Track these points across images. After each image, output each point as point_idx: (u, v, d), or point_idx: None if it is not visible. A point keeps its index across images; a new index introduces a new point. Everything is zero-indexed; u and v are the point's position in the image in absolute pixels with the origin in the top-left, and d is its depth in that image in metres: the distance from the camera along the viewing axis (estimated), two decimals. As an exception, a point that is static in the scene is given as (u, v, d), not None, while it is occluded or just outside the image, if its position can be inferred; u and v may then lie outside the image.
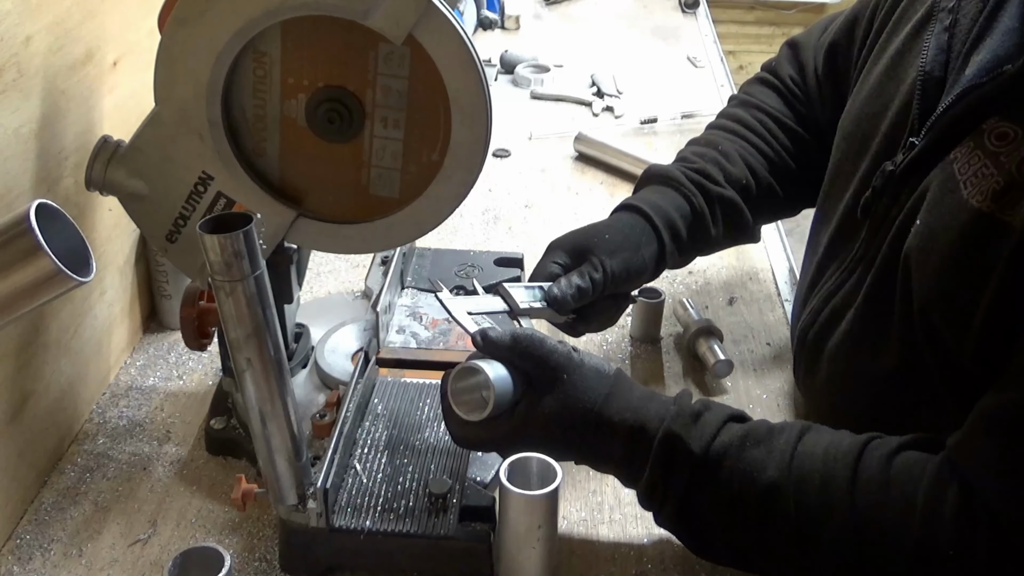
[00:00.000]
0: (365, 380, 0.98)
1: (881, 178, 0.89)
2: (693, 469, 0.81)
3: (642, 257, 1.04)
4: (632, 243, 1.04)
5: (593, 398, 0.84)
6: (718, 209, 1.10)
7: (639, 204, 1.07)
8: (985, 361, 0.76)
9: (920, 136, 0.85)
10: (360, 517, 0.87)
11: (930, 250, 0.80)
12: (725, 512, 0.81)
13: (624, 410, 0.84)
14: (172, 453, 1.03)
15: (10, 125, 0.86)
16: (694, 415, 0.83)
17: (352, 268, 1.34)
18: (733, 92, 1.91)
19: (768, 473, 0.79)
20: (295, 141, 0.88)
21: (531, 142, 1.71)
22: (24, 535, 0.93)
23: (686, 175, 1.10)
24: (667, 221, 1.06)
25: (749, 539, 0.81)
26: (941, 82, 0.85)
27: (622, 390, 0.86)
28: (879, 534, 0.76)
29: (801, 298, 1.04)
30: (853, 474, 0.77)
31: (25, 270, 0.64)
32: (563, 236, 1.06)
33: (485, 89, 0.84)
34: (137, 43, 1.10)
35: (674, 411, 0.83)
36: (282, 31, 0.84)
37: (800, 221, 1.26)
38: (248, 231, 0.69)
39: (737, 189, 1.11)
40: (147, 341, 1.19)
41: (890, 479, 0.76)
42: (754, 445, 0.81)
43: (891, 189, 0.87)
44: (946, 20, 0.87)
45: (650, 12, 2.35)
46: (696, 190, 1.09)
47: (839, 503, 0.77)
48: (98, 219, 1.05)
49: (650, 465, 0.83)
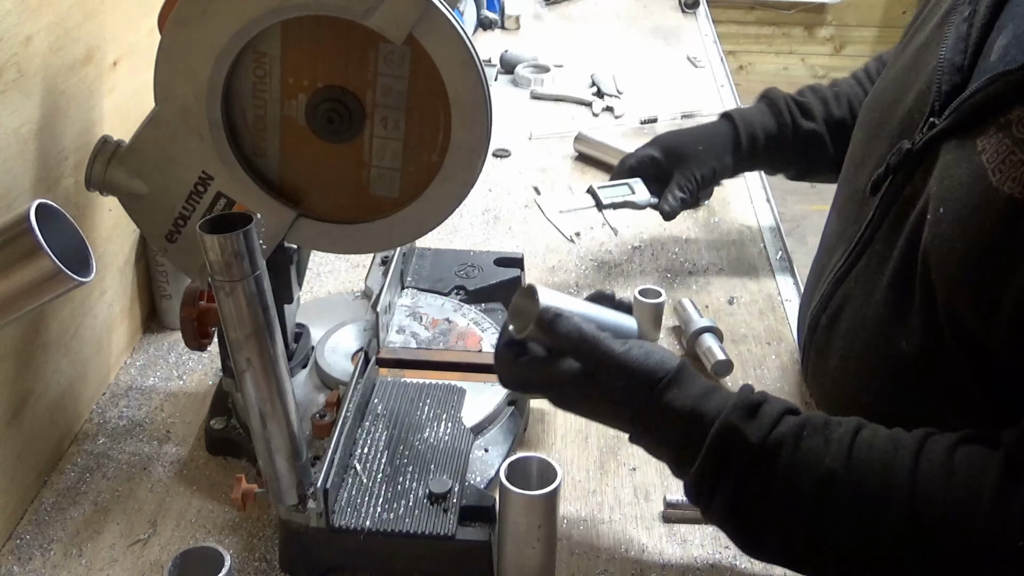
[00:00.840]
0: (365, 380, 0.98)
1: (897, 156, 0.89)
2: (750, 460, 0.79)
3: (727, 164, 1.28)
4: (718, 151, 1.28)
5: (656, 377, 0.84)
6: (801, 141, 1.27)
7: (734, 114, 1.30)
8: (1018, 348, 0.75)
9: (942, 117, 0.85)
10: (360, 517, 0.87)
11: (955, 239, 0.79)
12: (779, 503, 0.79)
13: (685, 396, 0.83)
14: (172, 453, 1.03)
15: (10, 125, 0.86)
16: (752, 407, 0.81)
17: (352, 268, 1.34)
18: (733, 92, 1.94)
19: (826, 462, 0.77)
20: (295, 141, 0.88)
21: (531, 142, 1.71)
22: (24, 535, 0.93)
23: (787, 103, 1.29)
24: (750, 133, 1.28)
25: (803, 531, 0.79)
26: (960, 68, 0.86)
27: (686, 377, 0.85)
28: (942, 524, 0.73)
29: (811, 286, 1.05)
30: (914, 464, 0.75)
31: (25, 270, 0.64)
32: (667, 134, 1.33)
33: (485, 89, 0.84)
34: (137, 43, 1.11)
35: (733, 402, 0.82)
36: (282, 31, 0.84)
37: (800, 221, 1.28)
38: (248, 231, 0.69)
39: (832, 127, 1.26)
40: (147, 341, 1.19)
41: (954, 469, 0.74)
42: (811, 435, 0.79)
43: (906, 167, 0.88)
44: (966, 11, 0.88)
45: (650, 12, 2.35)
46: (789, 118, 1.28)
47: (899, 492, 0.75)
48: (98, 219, 1.05)
49: (703, 454, 0.81)
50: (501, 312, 1.18)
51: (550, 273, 1.34)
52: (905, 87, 0.94)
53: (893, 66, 1.01)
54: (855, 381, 0.94)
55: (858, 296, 0.93)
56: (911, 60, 0.97)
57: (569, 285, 1.31)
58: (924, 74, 0.91)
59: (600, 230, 1.44)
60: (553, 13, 2.34)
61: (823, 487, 0.77)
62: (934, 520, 0.74)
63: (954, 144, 0.83)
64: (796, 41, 4.81)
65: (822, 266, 1.02)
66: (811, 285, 1.06)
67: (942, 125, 0.84)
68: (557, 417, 1.09)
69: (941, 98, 0.86)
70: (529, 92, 1.90)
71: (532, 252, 1.38)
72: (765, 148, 1.28)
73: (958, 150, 0.82)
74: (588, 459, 1.03)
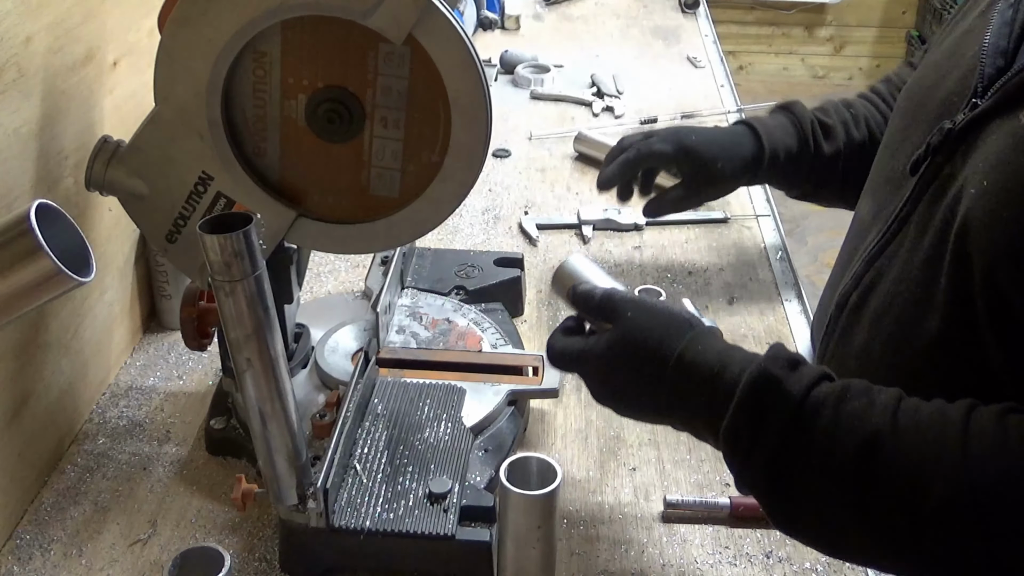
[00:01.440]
0: (365, 380, 0.98)
1: (939, 135, 0.89)
2: (790, 414, 0.76)
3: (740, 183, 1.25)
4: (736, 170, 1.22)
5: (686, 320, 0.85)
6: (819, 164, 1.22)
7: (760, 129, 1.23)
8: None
9: (985, 98, 0.85)
10: (360, 517, 0.87)
11: (999, 210, 0.78)
12: (821, 463, 0.74)
13: (707, 351, 0.82)
14: (172, 453, 1.03)
15: (10, 125, 0.86)
16: (791, 362, 0.79)
17: (352, 268, 1.34)
18: (733, 92, 1.94)
19: (872, 422, 0.74)
20: (295, 141, 0.88)
21: (531, 142, 1.71)
22: (24, 535, 0.93)
23: (811, 122, 1.23)
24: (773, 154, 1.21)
25: (847, 496, 0.74)
26: (1005, 51, 0.86)
27: (715, 331, 0.85)
28: (998, 487, 0.70)
29: (840, 267, 1.04)
30: (964, 427, 0.72)
31: (25, 270, 0.64)
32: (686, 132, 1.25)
33: (485, 89, 0.84)
34: (137, 43, 1.11)
35: (770, 354, 0.79)
36: (282, 31, 0.84)
37: (800, 222, 1.28)
38: (248, 231, 0.69)
39: (851, 150, 1.21)
40: (147, 341, 1.19)
41: (1007, 434, 0.71)
42: (855, 397, 0.76)
43: (947, 146, 0.88)
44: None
45: (650, 12, 2.35)
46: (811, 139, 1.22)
47: (951, 455, 0.71)
48: (98, 219, 1.05)
49: (737, 400, 0.78)
50: (501, 312, 1.18)
51: (550, 273, 1.34)
52: (946, 71, 0.94)
53: (933, 52, 1.01)
54: (879, 361, 0.92)
55: (890, 274, 0.92)
56: (953, 46, 0.97)
57: (569, 285, 1.31)
58: (967, 59, 0.92)
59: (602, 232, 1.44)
60: (553, 13, 2.34)
61: (868, 448, 0.73)
62: (989, 483, 0.70)
63: (997, 123, 0.83)
64: (796, 41, 4.82)
65: (854, 247, 1.01)
66: (840, 267, 1.04)
67: (986, 105, 0.84)
68: (557, 417, 1.09)
69: (984, 80, 0.86)
70: (529, 92, 1.90)
71: (532, 252, 1.38)
72: (782, 167, 1.23)
73: (1002, 127, 0.82)
74: (588, 459, 1.03)
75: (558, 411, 1.10)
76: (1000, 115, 0.83)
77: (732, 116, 1.78)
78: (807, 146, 1.22)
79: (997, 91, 0.84)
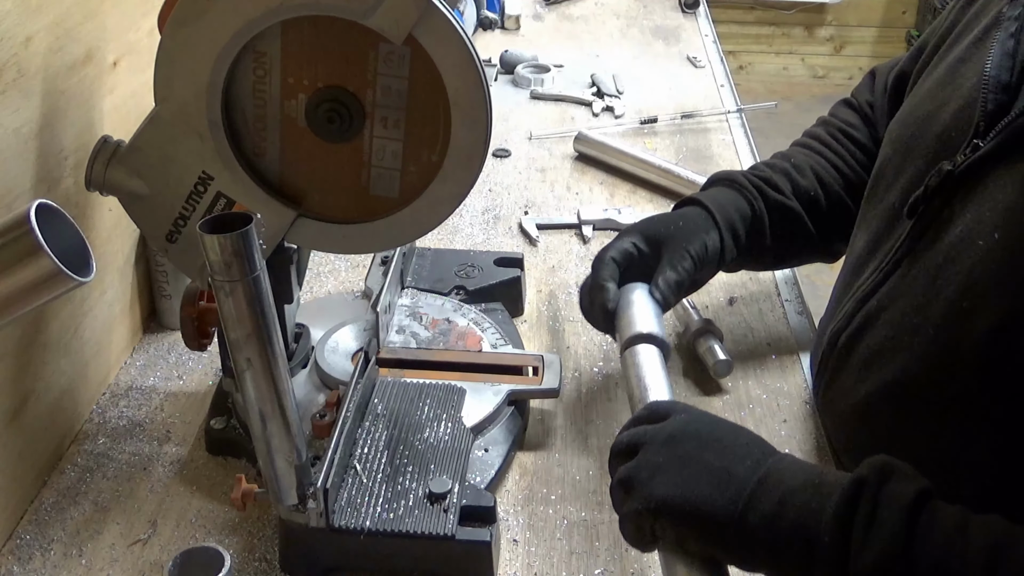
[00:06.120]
0: (365, 380, 0.98)
1: (937, 177, 0.86)
2: None
3: (714, 240, 1.07)
4: (700, 226, 1.07)
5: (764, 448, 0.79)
6: (777, 217, 1.11)
7: (701, 198, 1.10)
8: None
9: (986, 139, 0.82)
10: (360, 517, 0.87)
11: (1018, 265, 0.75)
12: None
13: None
14: (172, 453, 1.03)
15: (10, 125, 0.87)
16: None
17: (352, 268, 1.34)
18: (733, 92, 1.94)
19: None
20: (295, 141, 0.88)
21: (531, 142, 1.71)
22: (24, 535, 0.93)
23: (749, 180, 1.12)
24: (727, 218, 1.09)
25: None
26: (1007, 86, 0.83)
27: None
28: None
29: (834, 301, 1.02)
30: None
31: (25, 270, 0.64)
32: (638, 223, 1.10)
33: (485, 89, 0.84)
34: (137, 43, 1.11)
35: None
36: (282, 31, 0.84)
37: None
38: (248, 231, 0.69)
39: (804, 202, 1.12)
40: (147, 341, 1.19)
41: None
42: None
43: (947, 189, 0.85)
44: (1012, 27, 0.85)
45: (650, 12, 2.35)
46: (757, 194, 1.11)
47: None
48: (98, 219, 1.05)
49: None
50: (501, 312, 1.18)
51: (550, 273, 1.34)
52: (942, 102, 0.91)
53: (923, 83, 0.97)
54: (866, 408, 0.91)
55: (881, 318, 0.90)
56: (946, 74, 0.93)
57: (569, 285, 1.31)
58: (963, 90, 0.88)
59: (602, 232, 1.44)
60: (553, 13, 2.34)
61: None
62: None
63: (1002, 169, 0.80)
64: (796, 41, 4.82)
65: (848, 282, 0.99)
66: (835, 300, 1.03)
67: (988, 147, 0.81)
68: (557, 417, 1.09)
69: (986, 118, 0.83)
70: (529, 92, 1.90)
71: (532, 252, 1.38)
72: (742, 227, 1.09)
73: (1008, 175, 0.79)
74: (588, 459, 1.03)
75: (558, 411, 1.10)
76: (1004, 159, 0.80)
77: (732, 116, 1.79)
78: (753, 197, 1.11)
79: (1000, 132, 0.81)
